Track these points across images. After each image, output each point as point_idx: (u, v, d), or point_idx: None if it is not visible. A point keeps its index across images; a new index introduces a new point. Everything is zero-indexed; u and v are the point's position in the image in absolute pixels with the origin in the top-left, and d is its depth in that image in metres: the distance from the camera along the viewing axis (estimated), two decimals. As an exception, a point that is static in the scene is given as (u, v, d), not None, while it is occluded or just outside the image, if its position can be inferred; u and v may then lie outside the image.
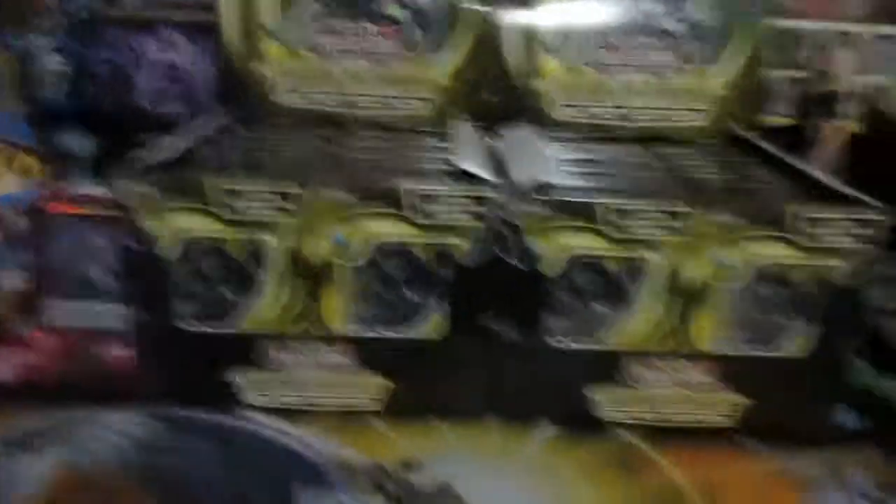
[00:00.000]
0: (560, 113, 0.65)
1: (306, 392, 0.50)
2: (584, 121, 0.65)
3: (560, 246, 0.46)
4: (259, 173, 0.48)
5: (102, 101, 0.89)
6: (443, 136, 0.59)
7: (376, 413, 0.50)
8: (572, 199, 0.46)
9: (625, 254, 0.46)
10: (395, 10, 0.63)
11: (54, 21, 0.94)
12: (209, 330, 0.48)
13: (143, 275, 0.47)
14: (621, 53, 0.65)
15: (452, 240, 0.46)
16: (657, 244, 0.46)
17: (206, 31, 0.79)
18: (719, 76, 0.65)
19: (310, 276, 0.47)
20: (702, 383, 0.49)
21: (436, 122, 0.64)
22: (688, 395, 0.49)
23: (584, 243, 0.46)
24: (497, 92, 0.65)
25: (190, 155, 0.50)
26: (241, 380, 0.49)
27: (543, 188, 0.47)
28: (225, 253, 0.46)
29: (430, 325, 0.48)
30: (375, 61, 0.64)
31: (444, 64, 0.64)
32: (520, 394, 0.50)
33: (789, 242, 0.46)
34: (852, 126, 0.84)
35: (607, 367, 0.49)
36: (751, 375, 0.49)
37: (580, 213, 0.46)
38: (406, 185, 0.45)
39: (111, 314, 0.55)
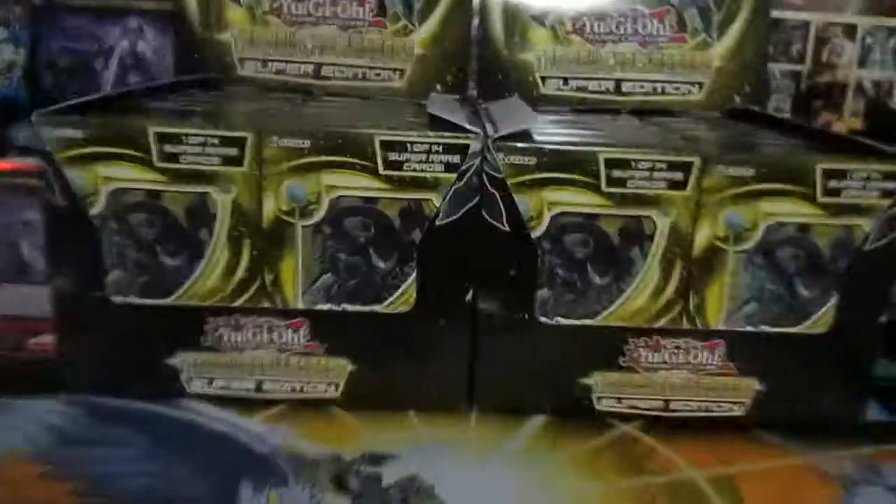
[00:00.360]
0: (548, 86, 0.60)
1: (256, 376, 0.43)
2: (574, 94, 0.60)
3: (548, 202, 0.40)
4: (204, 121, 0.42)
5: (60, 90, 0.84)
6: (419, 107, 0.54)
7: (336, 400, 0.43)
8: (562, 148, 0.40)
9: (623, 212, 0.41)
10: (367, -27, 0.58)
11: (10, 11, 0.88)
12: (143, 302, 0.41)
13: (67, 237, 0.40)
14: (613, 23, 0.60)
15: (422, 194, 0.40)
16: (660, 200, 0.40)
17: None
18: (716, 47, 0.60)
19: (261, 238, 0.40)
20: (711, 365, 0.43)
21: (410, 95, 0.59)
22: (695, 379, 0.43)
23: (577, 200, 0.40)
24: (479, 62, 0.60)
25: (127, 101, 0.44)
26: (182, 363, 0.43)
27: (528, 136, 0.41)
28: (161, 208, 0.40)
29: (398, 297, 0.42)
30: (346, 28, 0.59)
31: (420, 31, 0.59)
32: (503, 378, 0.43)
33: (807, 198, 0.40)
34: (852, 121, 0.80)
35: (604, 347, 0.43)
36: (766, 356, 0.43)
37: (572, 164, 0.40)
38: (370, 129, 0.40)
39: (43, 298, 0.48)
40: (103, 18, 0.83)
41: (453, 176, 0.40)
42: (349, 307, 0.42)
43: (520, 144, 0.40)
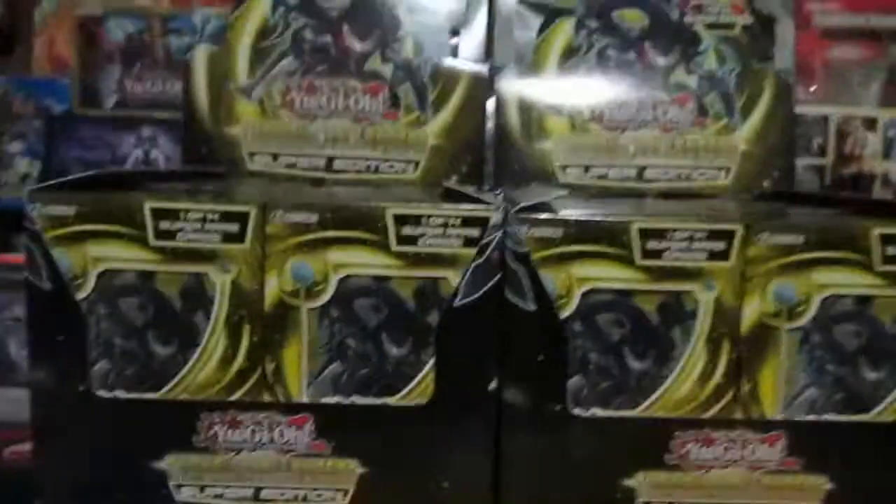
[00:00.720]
0: (568, 174, 0.58)
1: (255, 482, 0.38)
2: (595, 182, 0.58)
3: (577, 278, 0.37)
4: (205, 197, 0.39)
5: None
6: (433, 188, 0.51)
7: (345, 509, 0.38)
8: (591, 218, 0.37)
9: (660, 287, 0.37)
10: (379, 65, 0.58)
11: (29, 125, 0.90)
12: (130, 396, 0.37)
13: (50, 324, 0.37)
14: (632, 109, 0.58)
15: (439, 271, 0.37)
16: (701, 273, 0.37)
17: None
18: (741, 130, 0.58)
19: (262, 322, 0.37)
20: (771, 461, 0.37)
21: (425, 186, 0.57)
22: (754, 477, 0.38)
23: (609, 275, 0.37)
24: (495, 152, 0.59)
25: (124, 180, 0.42)
26: (170, 467, 0.38)
27: (551, 208, 0.38)
28: (154, 291, 0.36)
29: (414, 387, 0.38)
30: (359, 120, 0.58)
31: (434, 122, 0.58)
32: (533, 481, 0.38)
33: (864, 267, 0.36)
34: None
35: (647, 442, 0.38)
36: (835, 449, 0.37)
37: (602, 236, 0.37)
38: (382, 203, 0.37)
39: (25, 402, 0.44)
40: (118, 128, 0.84)
41: (473, 251, 0.37)
42: (359, 400, 0.37)
43: (544, 215, 0.37)
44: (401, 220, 0.37)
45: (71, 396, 0.37)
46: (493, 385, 0.37)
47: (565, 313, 0.37)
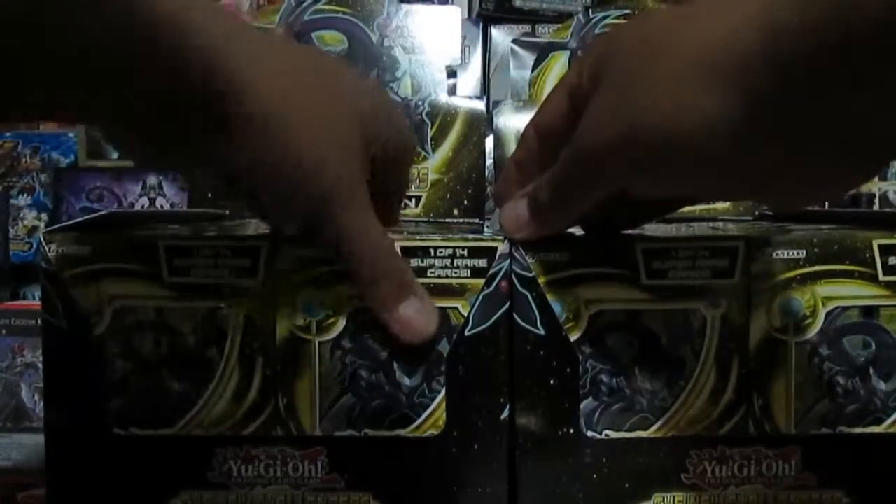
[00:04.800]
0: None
1: (270, 517, 0.38)
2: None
3: (585, 300, 0.37)
4: (215, 234, 0.40)
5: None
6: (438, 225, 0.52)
7: (362, 542, 0.38)
8: (596, 241, 0.38)
9: (667, 306, 0.37)
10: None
11: (37, 179, 0.91)
12: (145, 433, 0.37)
13: (66, 364, 0.37)
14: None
15: (449, 302, 0.37)
16: (706, 291, 0.37)
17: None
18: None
19: (274, 356, 0.37)
20: (788, 477, 0.37)
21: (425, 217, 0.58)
22: (772, 494, 0.37)
23: (616, 296, 0.37)
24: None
25: (131, 219, 0.43)
26: (186, 503, 0.38)
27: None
28: (168, 327, 0.37)
29: (426, 419, 0.38)
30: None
31: (433, 158, 0.59)
32: (550, 503, 0.38)
33: (869, 278, 0.37)
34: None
35: (663, 462, 0.38)
36: (850, 462, 0.37)
37: (607, 258, 0.37)
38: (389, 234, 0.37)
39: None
40: (124, 178, 0.85)
41: (481, 281, 0.37)
42: (371, 432, 0.38)
43: (548, 240, 0.37)
44: (409, 252, 0.37)
45: (86, 435, 0.37)
46: (505, 414, 0.38)
47: (574, 336, 0.37)
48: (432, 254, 0.37)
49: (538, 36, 0.77)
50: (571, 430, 0.37)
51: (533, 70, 0.62)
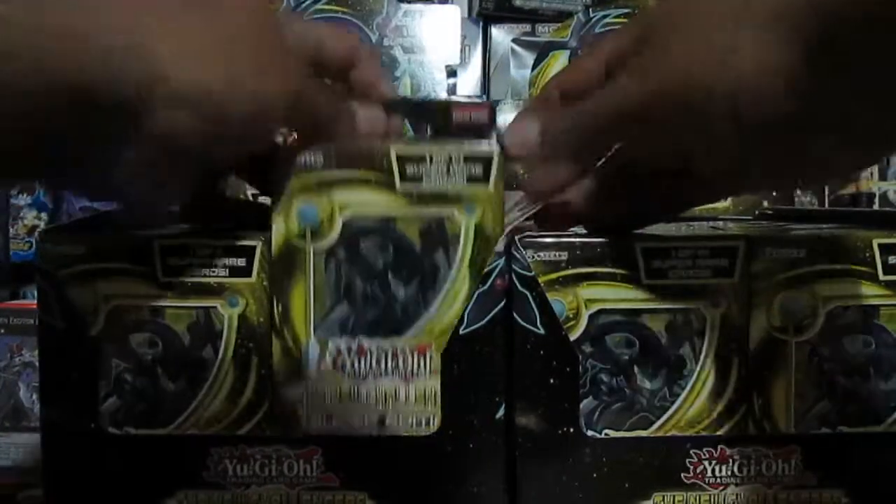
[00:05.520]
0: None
1: (266, 518, 0.38)
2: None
3: (585, 300, 0.37)
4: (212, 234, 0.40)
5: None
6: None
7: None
8: (596, 240, 0.37)
9: (667, 305, 0.37)
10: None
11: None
12: (141, 433, 0.37)
13: (63, 363, 0.37)
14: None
15: (445, 210, 0.36)
16: (706, 290, 0.37)
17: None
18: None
19: (269, 355, 0.37)
20: (788, 476, 0.37)
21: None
22: (771, 494, 0.37)
23: (616, 296, 0.37)
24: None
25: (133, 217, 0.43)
26: (182, 503, 0.37)
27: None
28: (164, 326, 0.37)
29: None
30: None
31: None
32: (549, 502, 0.37)
33: (869, 278, 0.37)
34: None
35: (663, 462, 0.37)
36: (850, 462, 0.37)
37: (607, 257, 0.37)
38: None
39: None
40: (124, 177, 0.85)
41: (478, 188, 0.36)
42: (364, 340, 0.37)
43: (549, 239, 0.37)
44: (402, 160, 0.36)
45: (82, 434, 0.36)
46: (501, 413, 0.37)
47: (574, 335, 0.37)
48: (428, 161, 0.36)
49: (538, 35, 0.77)
50: (571, 430, 0.37)
51: (533, 69, 0.62)
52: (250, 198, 0.59)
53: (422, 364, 0.37)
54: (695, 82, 0.29)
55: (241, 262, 0.37)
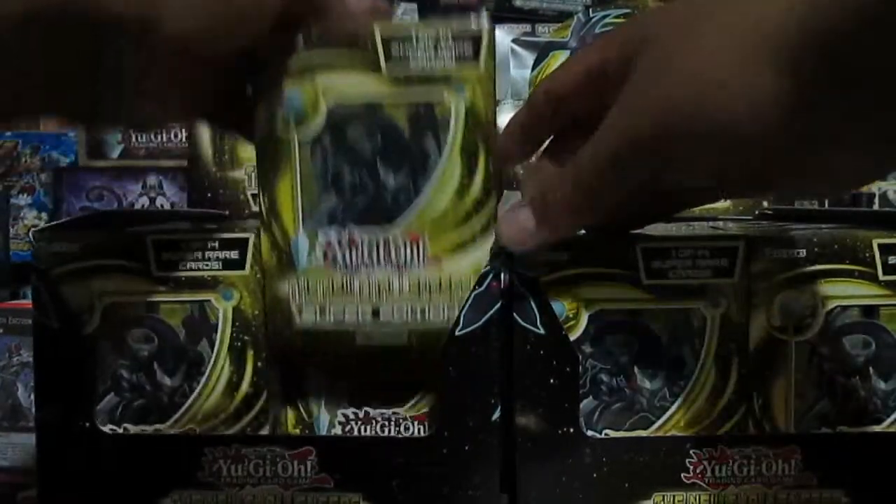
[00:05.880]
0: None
1: (262, 517, 0.37)
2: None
3: (585, 300, 0.37)
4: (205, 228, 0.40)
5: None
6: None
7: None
8: (596, 241, 0.37)
9: (667, 305, 0.37)
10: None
11: (37, 179, 0.91)
12: (136, 431, 0.37)
13: (58, 362, 0.37)
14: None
15: (433, 93, 0.35)
16: (706, 290, 0.37)
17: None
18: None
19: (265, 348, 0.37)
20: (788, 477, 0.37)
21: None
22: (771, 494, 0.37)
23: (616, 296, 0.37)
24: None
25: (125, 217, 0.43)
26: (176, 503, 0.37)
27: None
28: (159, 322, 0.37)
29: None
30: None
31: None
32: (549, 502, 0.37)
33: (869, 278, 0.36)
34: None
35: (663, 462, 0.37)
36: (850, 462, 0.37)
37: (607, 257, 0.37)
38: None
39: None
40: (124, 177, 0.85)
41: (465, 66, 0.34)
42: (354, 232, 0.36)
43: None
44: (387, 40, 0.35)
45: (77, 434, 0.36)
46: (497, 415, 0.37)
47: (574, 336, 0.37)
48: (415, 41, 0.35)
49: (538, 35, 0.77)
50: (571, 430, 0.37)
51: (533, 69, 0.61)
52: (250, 198, 0.59)
53: (415, 253, 0.36)
54: (683, 121, 0.29)
55: (233, 254, 0.36)
